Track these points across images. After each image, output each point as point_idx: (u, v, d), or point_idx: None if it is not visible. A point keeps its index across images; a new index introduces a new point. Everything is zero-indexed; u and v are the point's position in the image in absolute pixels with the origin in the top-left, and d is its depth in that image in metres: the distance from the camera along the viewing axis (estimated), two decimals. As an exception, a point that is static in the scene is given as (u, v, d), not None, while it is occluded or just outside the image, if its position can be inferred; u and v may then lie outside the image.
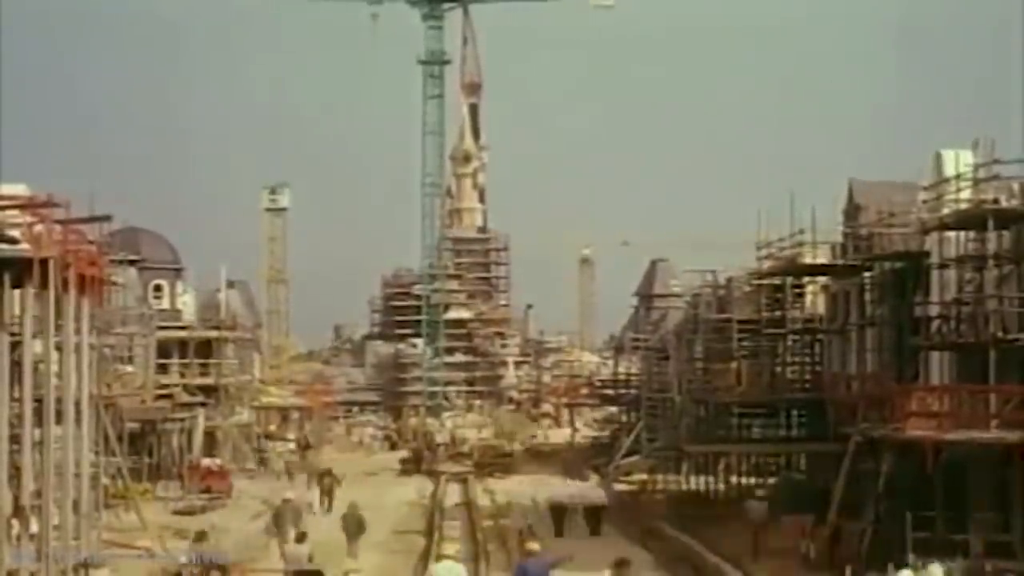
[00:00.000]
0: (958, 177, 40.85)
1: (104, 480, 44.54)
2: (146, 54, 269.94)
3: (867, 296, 48.63)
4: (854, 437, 41.36)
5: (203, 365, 75.99)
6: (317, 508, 56.93)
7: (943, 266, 41.86)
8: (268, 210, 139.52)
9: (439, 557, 31.16)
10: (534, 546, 29.65)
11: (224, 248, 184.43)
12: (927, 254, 43.46)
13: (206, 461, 64.96)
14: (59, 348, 35.19)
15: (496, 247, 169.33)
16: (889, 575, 30.04)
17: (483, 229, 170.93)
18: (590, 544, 46.29)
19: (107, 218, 37.88)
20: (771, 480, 58.01)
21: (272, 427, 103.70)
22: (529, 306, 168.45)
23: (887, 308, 46.19)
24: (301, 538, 34.24)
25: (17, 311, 34.37)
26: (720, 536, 45.26)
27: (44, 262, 32.62)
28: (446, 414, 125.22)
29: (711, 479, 59.84)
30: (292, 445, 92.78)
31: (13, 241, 33.70)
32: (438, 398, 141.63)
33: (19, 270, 32.71)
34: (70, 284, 34.29)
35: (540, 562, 29.07)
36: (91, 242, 36.93)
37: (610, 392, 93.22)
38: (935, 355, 42.53)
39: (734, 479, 59.02)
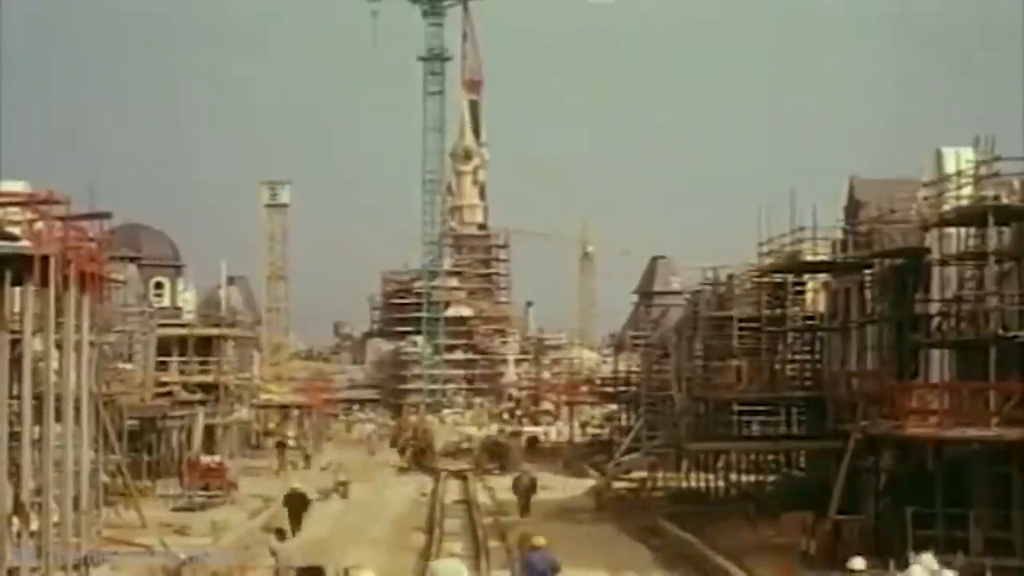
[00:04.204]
0: (959, 174, 40.85)
1: (104, 477, 44.52)
2: (146, 51, 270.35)
3: (867, 293, 48.65)
4: (854, 434, 41.37)
5: (203, 362, 75.95)
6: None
7: (943, 263, 41.86)
8: (268, 206, 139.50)
9: (448, 554, 31.13)
10: (540, 540, 29.75)
11: (224, 245, 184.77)
12: (927, 251, 43.46)
13: (206, 458, 64.94)
14: (59, 345, 35.19)
15: (496, 244, 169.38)
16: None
17: (483, 226, 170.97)
18: (590, 542, 46.33)
19: (107, 215, 37.89)
20: (771, 477, 58.05)
21: (272, 425, 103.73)
22: (529, 303, 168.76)
23: (887, 305, 46.19)
24: (281, 534, 34.07)
25: (17, 308, 34.37)
26: (720, 533, 45.26)
27: (44, 259, 32.61)
28: (446, 411, 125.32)
29: (711, 476, 59.85)
30: (292, 443, 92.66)
31: (13, 238, 33.69)
32: (438, 395, 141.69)
33: (19, 267, 32.69)
34: (70, 281, 34.30)
35: (544, 556, 29.18)
36: (91, 239, 36.93)
37: (610, 390, 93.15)
38: (935, 352, 42.54)
39: (734, 476, 59.03)
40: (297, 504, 49.11)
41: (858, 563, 28.74)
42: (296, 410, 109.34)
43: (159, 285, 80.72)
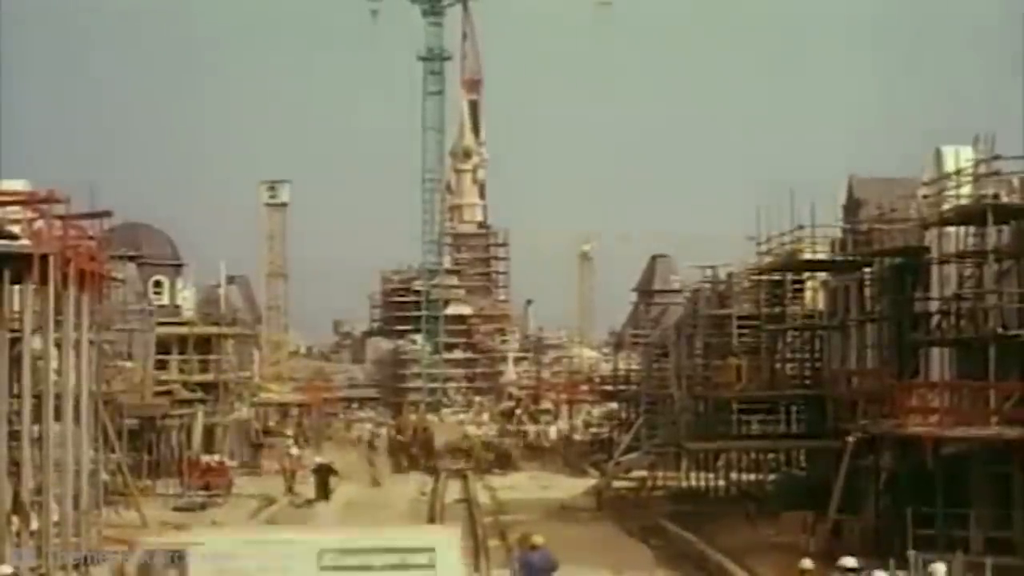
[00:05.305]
0: (958, 173, 40.85)
1: (104, 476, 44.50)
2: (146, 49, 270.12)
3: (867, 292, 48.63)
4: (854, 433, 41.37)
5: (202, 361, 75.87)
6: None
7: (943, 262, 41.84)
8: (268, 205, 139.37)
9: None
10: (538, 539, 29.80)
11: (224, 244, 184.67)
12: (927, 250, 43.44)
13: (206, 458, 64.97)
14: (59, 344, 35.18)
15: (496, 243, 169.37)
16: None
17: (483, 225, 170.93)
18: (591, 542, 46.34)
19: (107, 214, 37.86)
20: (771, 476, 58.04)
21: (271, 423, 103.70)
22: (529, 302, 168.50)
23: (887, 304, 46.18)
24: None
25: (17, 307, 34.38)
26: (720, 532, 45.27)
27: (44, 258, 32.63)
28: (445, 410, 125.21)
29: (711, 475, 59.83)
30: (291, 441, 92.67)
31: (13, 237, 33.72)
32: (438, 394, 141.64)
33: (19, 266, 32.71)
34: (70, 280, 34.30)
35: (544, 555, 29.21)
36: (91, 238, 36.93)
37: (610, 388, 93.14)
38: (935, 351, 42.52)
39: (734, 475, 59.02)
40: (324, 474, 62.46)
41: (849, 561, 28.78)
42: (296, 409, 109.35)
43: (158, 284, 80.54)
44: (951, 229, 41.25)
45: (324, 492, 61.86)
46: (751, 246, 53.01)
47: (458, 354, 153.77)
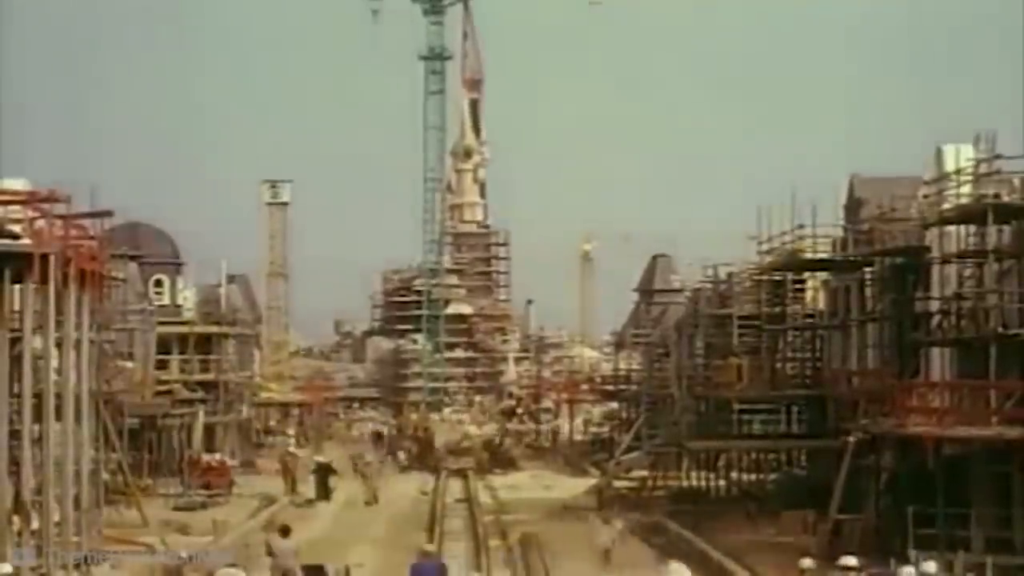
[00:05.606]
0: (959, 172, 40.83)
1: (104, 476, 44.47)
2: (147, 48, 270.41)
3: (868, 291, 48.62)
4: (855, 433, 41.36)
5: (203, 361, 75.88)
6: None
7: (944, 261, 41.84)
8: (269, 205, 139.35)
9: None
10: (429, 547, 29.92)
11: (224, 243, 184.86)
12: (928, 249, 43.43)
13: (206, 457, 64.97)
14: (59, 344, 35.16)
15: (497, 242, 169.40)
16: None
17: (484, 224, 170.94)
18: (593, 541, 46.26)
19: (108, 213, 37.81)
20: (772, 476, 58.02)
21: (272, 423, 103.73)
22: (530, 301, 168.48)
23: (887, 303, 46.17)
24: (285, 532, 32.77)
25: (17, 307, 34.36)
26: (721, 532, 45.24)
27: (45, 257, 32.60)
28: (446, 409, 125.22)
29: (711, 475, 59.80)
30: (292, 441, 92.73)
31: (14, 236, 33.69)
32: (439, 394, 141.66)
33: (20, 265, 32.69)
34: (70, 279, 34.28)
35: (432, 565, 29.27)
36: (92, 237, 36.90)
37: (611, 388, 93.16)
38: (936, 351, 42.51)
39: (735, 475, 58.99)
40: (324, 474, 62.57)
41: (850, 560, 28.75)
42: (296, 408, 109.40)
43: (159, 283, 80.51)
44: (952, 229, 41.24)
45: (324, 491, 61.91)
46: (752, 245, 53.08)
47: (459, 353, 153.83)
